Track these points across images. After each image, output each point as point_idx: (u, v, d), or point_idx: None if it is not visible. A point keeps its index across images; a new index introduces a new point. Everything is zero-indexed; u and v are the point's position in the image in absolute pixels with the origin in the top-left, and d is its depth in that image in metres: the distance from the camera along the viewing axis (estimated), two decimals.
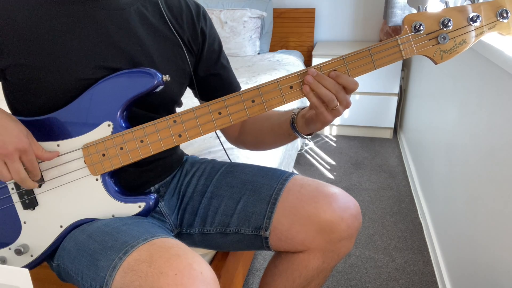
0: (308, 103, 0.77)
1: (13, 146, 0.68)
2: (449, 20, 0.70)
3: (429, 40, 0.72)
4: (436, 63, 0.73)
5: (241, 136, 0.99)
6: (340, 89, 0.72)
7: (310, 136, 0.85)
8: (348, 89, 0.73)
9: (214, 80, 0.95)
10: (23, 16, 0.73)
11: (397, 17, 2.20)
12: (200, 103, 0.92)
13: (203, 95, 0.96)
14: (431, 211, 1.72)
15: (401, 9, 2.18)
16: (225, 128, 0.99)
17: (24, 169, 0.72)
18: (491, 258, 1.05)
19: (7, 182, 0.78)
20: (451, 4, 0.71)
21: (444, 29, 0.71)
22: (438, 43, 0.71)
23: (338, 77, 0.72)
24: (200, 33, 0.89)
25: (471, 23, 0.70)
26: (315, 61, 2.60)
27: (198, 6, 0.91)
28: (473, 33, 0.71)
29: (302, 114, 0.82)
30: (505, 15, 0.69)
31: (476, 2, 0.70)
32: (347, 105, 0.74)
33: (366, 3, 2.82)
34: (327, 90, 0.72)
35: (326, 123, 0.76)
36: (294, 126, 0.83)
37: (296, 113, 0.83)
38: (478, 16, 0.70)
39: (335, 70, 0.73)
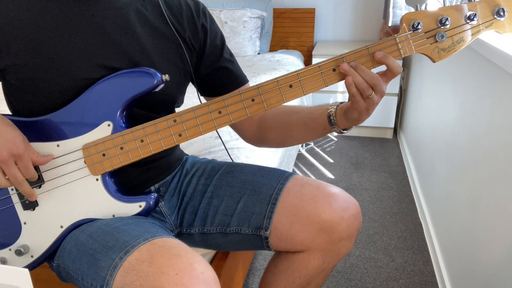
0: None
1: (7, 152, 0.68)
2: (447, 19, 0.70)
3: (427, 38, 0.72)
4: (434, 61, 0.73)
5: (263, 133, 0.96)
6: (378, 81, 0.72)
7: (346, 131, 0.84)
8: (393, 72, 0.72)
9: (220, 74, 0.94)
10: (22, 16, 0.73)
11: (397, 17, 2.20)
12: (206, 100, 0.91)
13: (210, 91, 0.95)
14: (431, 211, 1.72)
15: (401, 9, 2.19)
16: (240, 125, 0.98)
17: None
18: (491, 258, 1.05)
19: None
20: (448, 3, 0.71)
21: (442, 27, 0.71)
22: (436, 41, 0.72)
23: (385, 58, 0.72)
24: (201, 30, 0.89)
25: (468, 21, 0.70)
26: (315, 61, 2.59)
27: (197, 4, 0.91)
28: (470, 31, 0.71)
29: (341, 107, 0.81)
30: (501, 13, 0.69)
31: (473, 0, 0.71)
32: (382, 94, 0.74)
33: (366, 3, 2.82)
34: (363, 80, 0.72)
35: (362, 111, 0.75)
36: (331, 120, 0.82)
37: (335, 107, 0.82)
38: (475, 15, 0.70)
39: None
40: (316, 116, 0.85)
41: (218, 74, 0.94)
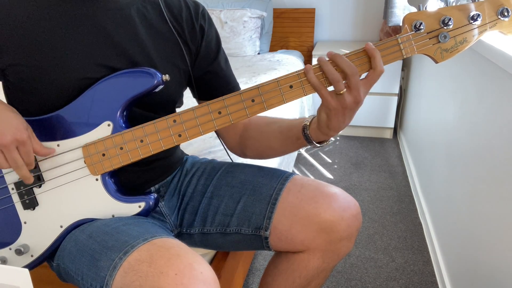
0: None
1: (11, 137, 0.68)
2: (450, 19, 0.70)
3: (429, 39, 0.72)
4: (436, 62, 0.73)
5: (244, 141, 0.96)
6: (355, 72, 0.68)
7: (319, 145, 0.81)
8: (375, 71, 0.69)
9: (211, 78, 0.93)
10: (22, 16, 0.73)
11: (397, 17, 2.20)
12: (198, 103, 0.91)
13: (201, 94, 0.95)
14: (431, 211, 1.72)
15: (401, 9, 2.18)
16: (225, 133, 0.98)
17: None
18: (491, 258, 1.05)
19: (7, 182, 0.78)
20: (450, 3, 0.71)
21: (445, 28, 0.70)
22: (439, 42, 0.71)
23: (374, 50, 0.69)
24: (199, 31, 0.89)
25: (472, 21, 0.70)
26: (315, 61, 2.59)
27: (197, 5, 0.91)
28: (473, 32, 0.71)
29: (316, 117, 0.79)
30: (506, 13, 0.69)
31: (477, 0, 0.70)
32: (356, 97, 0.69)
33: (366, 3, 2.82)
34: (334, 69, 0.69)
35: (330, 111, 0.71)
36: (305, 130, 0.81)
37: (311, 118, 0.81)
38: (479, 15, 0.69)
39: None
40: (293, 126, 0.84)
41: (210, 77, 0.93)
